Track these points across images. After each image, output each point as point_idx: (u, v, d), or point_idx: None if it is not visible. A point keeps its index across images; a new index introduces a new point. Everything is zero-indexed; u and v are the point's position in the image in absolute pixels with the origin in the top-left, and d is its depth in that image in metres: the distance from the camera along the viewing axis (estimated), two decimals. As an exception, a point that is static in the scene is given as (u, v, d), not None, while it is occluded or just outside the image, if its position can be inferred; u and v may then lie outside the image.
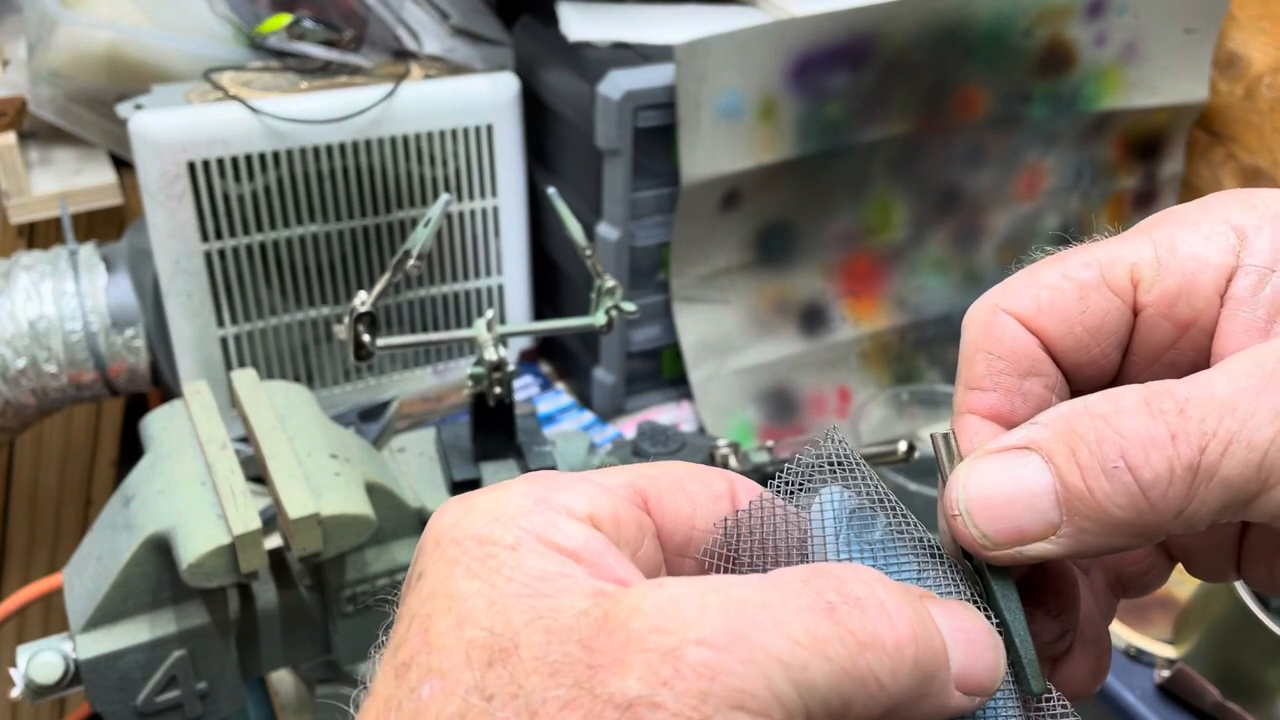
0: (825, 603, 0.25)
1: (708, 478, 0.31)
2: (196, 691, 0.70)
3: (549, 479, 0.29)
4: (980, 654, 0.28)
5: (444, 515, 0.29)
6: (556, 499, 0.28)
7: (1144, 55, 1.19)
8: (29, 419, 1.12)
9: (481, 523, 0.28)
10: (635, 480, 0.30)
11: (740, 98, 0.99)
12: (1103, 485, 0.28)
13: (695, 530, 0.30)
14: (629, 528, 0.29)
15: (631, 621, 0.24)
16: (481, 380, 0.75)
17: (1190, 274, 0.32)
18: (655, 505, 0.30)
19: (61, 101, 1.16)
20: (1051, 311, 0.33)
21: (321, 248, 1.05)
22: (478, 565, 0.27)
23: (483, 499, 0.29)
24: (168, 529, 0.65)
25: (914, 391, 1.16)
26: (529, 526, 0.27)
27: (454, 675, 0.25)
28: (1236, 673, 0.80)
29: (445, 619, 0.26)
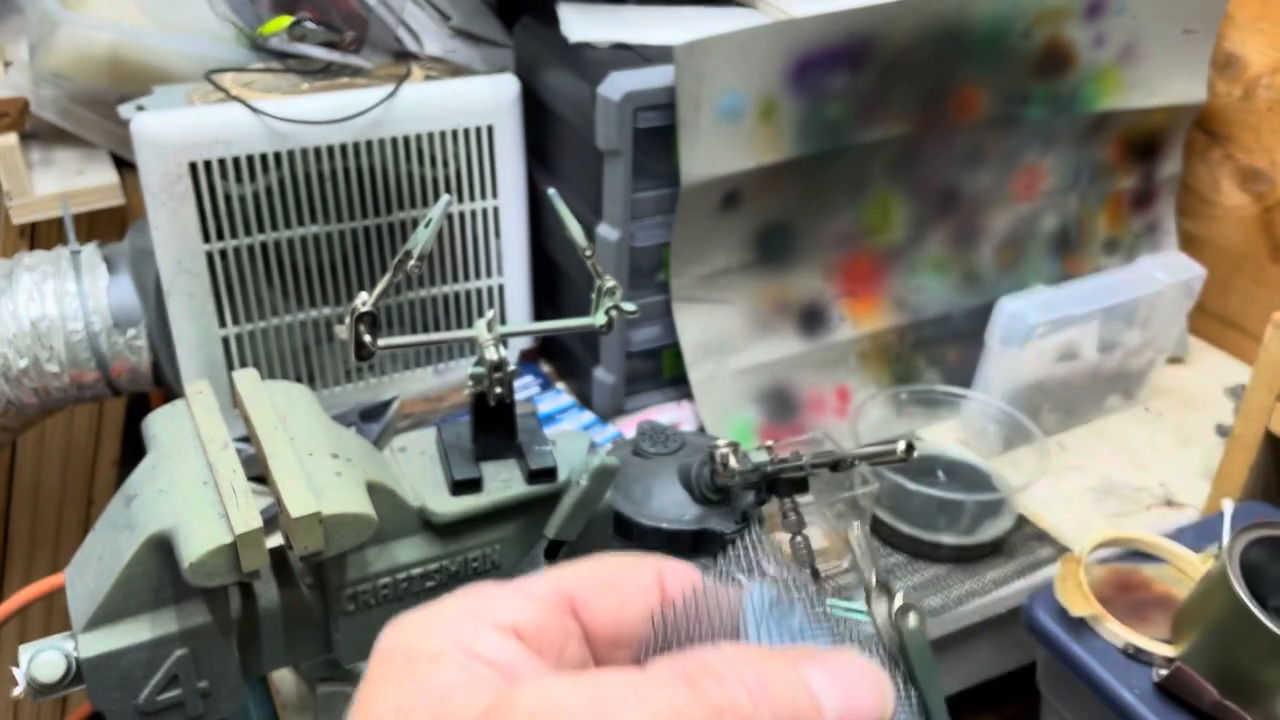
0: (687, 677, 0.27)
1: (637, 569, 0.33)
2: (198, 690, 0.70)
3: (481, 592, 0.31)
4: (860, 694, 0.29)
5: (384, 636, 0.31)
6: (484, 610, 0.30)
7: (1142, 56, 1.19)
8: (31, 419, 1.12)
9: (410, 637, 0.30)
10: (561, 585, 0.32)
11: (740, 98, 0.99)
12: None
13: (623, 625, 0.32)
14: (552, 634, 0.31)
15: (514, 709, 0.26)
16: (482, 380, 0.75)
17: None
18: (582, 606, 0.32)
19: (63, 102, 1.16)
20: None
21: (323, 248, 1.06)
22: (398, 677, 0.29)
23: (419, 615, 0.31)
24: (169, 528, 0.65)
25: (913, 391, 1.16)
26: (455, 638, 0.29)
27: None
28: (1235, 671, 0.80)
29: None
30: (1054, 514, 1.09)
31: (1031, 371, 1.13)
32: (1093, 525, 1.06)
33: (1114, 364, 1.21)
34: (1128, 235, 1.33)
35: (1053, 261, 1.28)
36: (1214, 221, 1.33)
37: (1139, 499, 1.12)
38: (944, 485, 1.07)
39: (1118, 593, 0.91)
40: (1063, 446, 1.20)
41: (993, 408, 1.13)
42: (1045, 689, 0.93)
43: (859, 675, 0.30)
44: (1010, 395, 1.13)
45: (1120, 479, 1.14)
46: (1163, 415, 1.26)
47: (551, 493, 0.78)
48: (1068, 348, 1.15)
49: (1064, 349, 1.15)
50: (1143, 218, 1.33)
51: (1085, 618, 0.87)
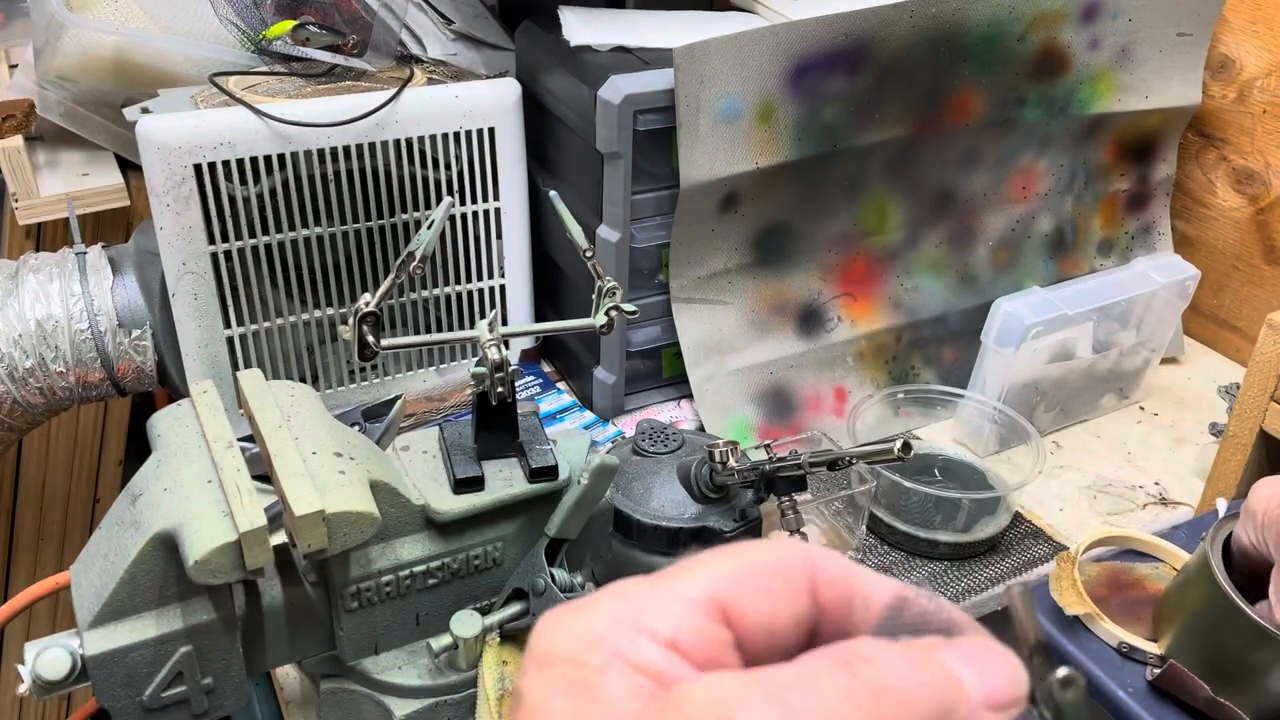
0: (843, 662, 0.28)
1: (789, 573, 0.33)
2: (202, 687, 0.71)
3: (636, 594, 0.32)
4: (998, 674, 0.30)
5: (542, 635, 0.31)
6: (643, 620, 0.31)
7: (1137, 59, 1.20)
8: (37, 418, 1.13)
9: (572, 644, 0.30)
10: (715, 590, 0.32)
11: (739, 101, 1.00)
12: None
13: (776, 634, 0.32)
14: (709, 647, 0.31)
15: (685, 705, 0.27)
16: (484, 380, 0.76)
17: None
18: (736, 615, 0.32)
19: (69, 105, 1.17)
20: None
21: (326, 249, 1.06)
22: (569, 687, 0.29)
23: (573, 620, 0.31)
24: (174, 526, 0.65)
25: (909, 391, 1.17)
26: (616, 649, 0.30)
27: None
28: (1220, 659, 0.80)
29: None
30: (1049, 512, 1.09)
31: (1027, 371, 1.14)
32: (1087, 524, 1.07)
33: (1109, 364, 1.22)
34: (1123, 237, 1.33)
35: (1048, 262, 1.29)
36: (1208, 223, 1.34)
37: (1134, 498, 1.12)
38: (940, 484, 1.08)
39: (1112, 591, 0.91)
40: (1058, 446, 1.20)
41: (989, 407, 1.14)
42: (1040, 686, 0.94)
43: (993, 656, 0.31)
44: (1006, 395, 1.14)
45: (1115, 478, 1.15)
46: (1157, 415, 1.27)
47: (552, 491, 0.78)
48: (1063, 348, 1.16)
49: (1059, 349, 1.16)
50: (1137, 219, 1.34)
51: (1080, 616, 0.87)
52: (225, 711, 0.73)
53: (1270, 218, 1.26)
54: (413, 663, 0.78)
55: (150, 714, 0.70)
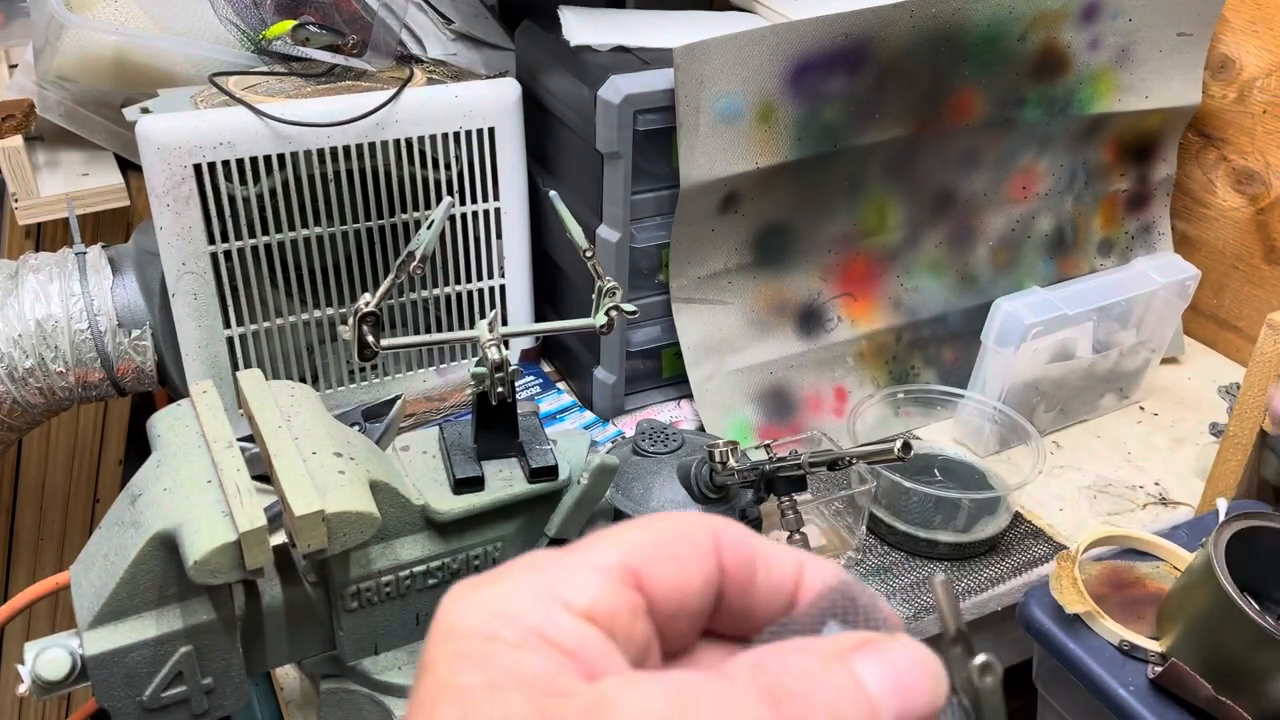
0: (770, 696, 0.28)
1: (695, 538, 0.33)
2: (202, 687, 0.71)
3: (549, 565, 0.32)
4: (916, 687, 0.30)
5: (454, 607, 0.31)
6: (556, 589, 0.31)
7: (1137, 59, 1.20)
8: (37, 418, 1.13)
9: (487, 618, 0.30)
10: (628, 558, 0.32)
11: (738, 101, 1.00)
12: None
13: (685, 596, 0.32)
14: (623, 616, 0.31)
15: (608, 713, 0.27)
16: (484, 380, 0.76)
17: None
18: (647, 580, 0.32)
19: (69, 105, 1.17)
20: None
21: (326, 250, 1.06)
22: (482, 660, 0.29)
23: (488, 592, 0.31)
24: (174, 526, 0.65)
25: (909, 391, 1.17)
26: (531, 624, 0.30)
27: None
28: (1222, 661, 0.80)
29: (450, 710, 0.28)
30: (1049, 512, 1.09)
31: (1027, 371, 1.14)
32: (1088, 523, 1.07)
33: (1109, 364, 1.22)
34: (1123, 237, 1.33)
35: (1048, 263, 1.29)
36: (1208, 223, 1.34)
37: (1134, 497, 1.12)
38: (940, 484, 1.08)
39: (1112, 590, 0.91)
40: (1058, 445, 1.20)
41: (989, 407, 1.14)
42: (1041, 686, 0.94)
43: (913, 665, 0.31)
44: (1006, 395, 1.14)
45: (1115, 477, 1.15)
46: (1157, 415, 1.27)
47: (552, 491, 0.78)
48: (1063, 348, 1.16)
49: (1059, 349, 1.16)
50: (1137, 219, 1.34)
51: (1080, 615, 0.87)
52: (225, 711, 0.73)
53: (1270, 218, 1.26)
54: (413, 663, 0.78)
55: (150, 714, 0.70)
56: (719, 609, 0.34)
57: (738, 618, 0.34)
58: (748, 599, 0.34)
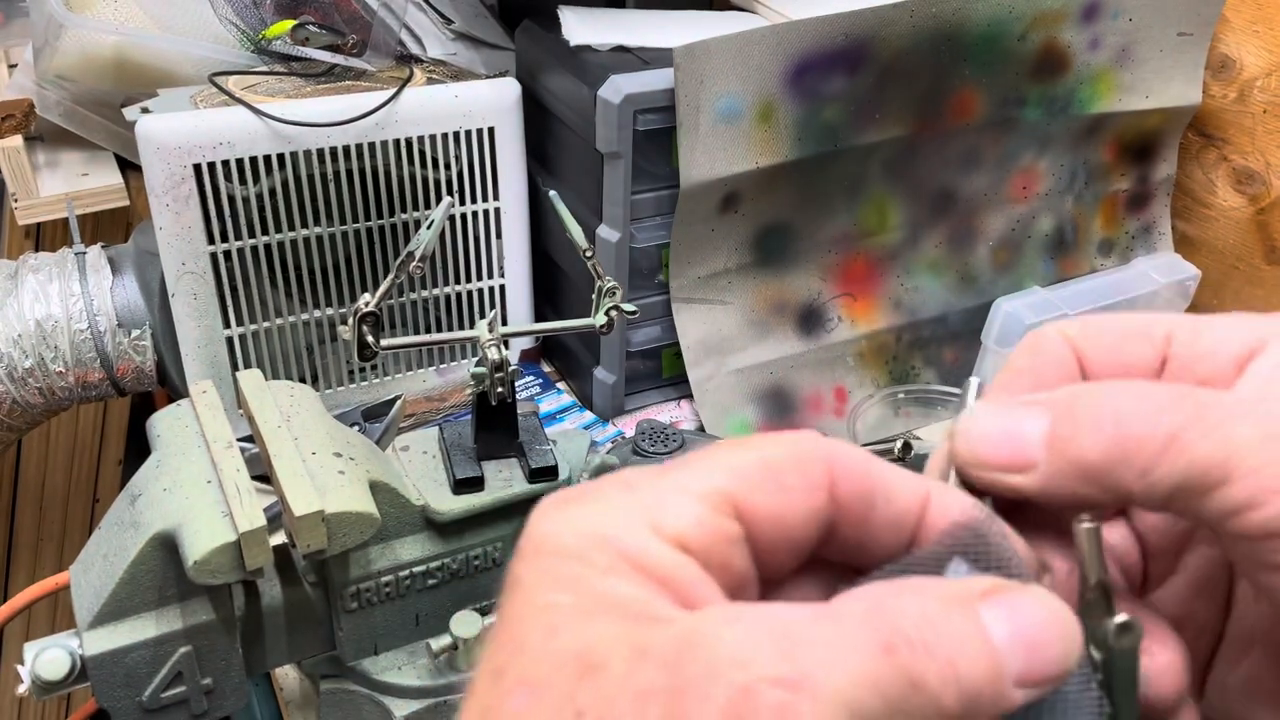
0: (884, 642, 0.26)
1: (806, 466, 0.31)
2: (202, 687, 0.71)
3: (645, 486, 0.30)
4: (1045, 645, 0.28)
5: (543, 522, 0.30)
6: (649, 513, 0.29)
7: (1138, 59, 1.20)
8: (36, 418, 1.13)
9: (577, 540, 0.29)
10: (728, 484, 0.30)
11: (739, 101, 1.00)
12: (1087, 433, 0.31)
13: (787, 528, 0.31)
14: (719, 545, 0.29)
15: (714, 651, 0.25)
16: (484, 380, 0.76)
17: (1218, 340, 0.34)
18: (747, 509, 0.30)
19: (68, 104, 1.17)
20: (1094, 340, 0.36)
21: (326, 249, 1.06)
22: (572, 582, 0.28)
23: (580, 512, 0.29)
24: (174, 527, 0.65)
25: (909, 391, 1.17)
26: (622, 549, 0.28)
27: (545, 685, 0.26)
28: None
29: (537, 628, 0.27)
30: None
31: (1028, 372, 1.14)
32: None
33: (1110, 364, 1.21)
34: (1123, 237, 1.33)
35: (1048, 263, 1.29)
36: (1209, 223, 1.34)
37: (1134, 498, 1.12)
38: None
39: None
40: (1059, 446, 1.20)
41: (989, 408, 1.13)
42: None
43: (1046, 621, 0.28)
44: (1007, 395, 1.13)
45: (1116, 478, 1.15)
46: (1159, 415, 1.26)
47: (552, 491, 0.78)
48: (1064, 348, 1.15)
49: (1060, 349, 1.15)
50: (1138, 219, 1.33)
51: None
52: (225, 712, 0.73)
53: (1270, 218, 1.26)
54: (412, 663, 0.78)
55: (150, 714, 0.70)
56: (830, 539, 0.32)
57: (851, 549, 0.32)
58: (863, 532, 0.32)
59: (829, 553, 0.32)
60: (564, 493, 0.30)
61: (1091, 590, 0.31)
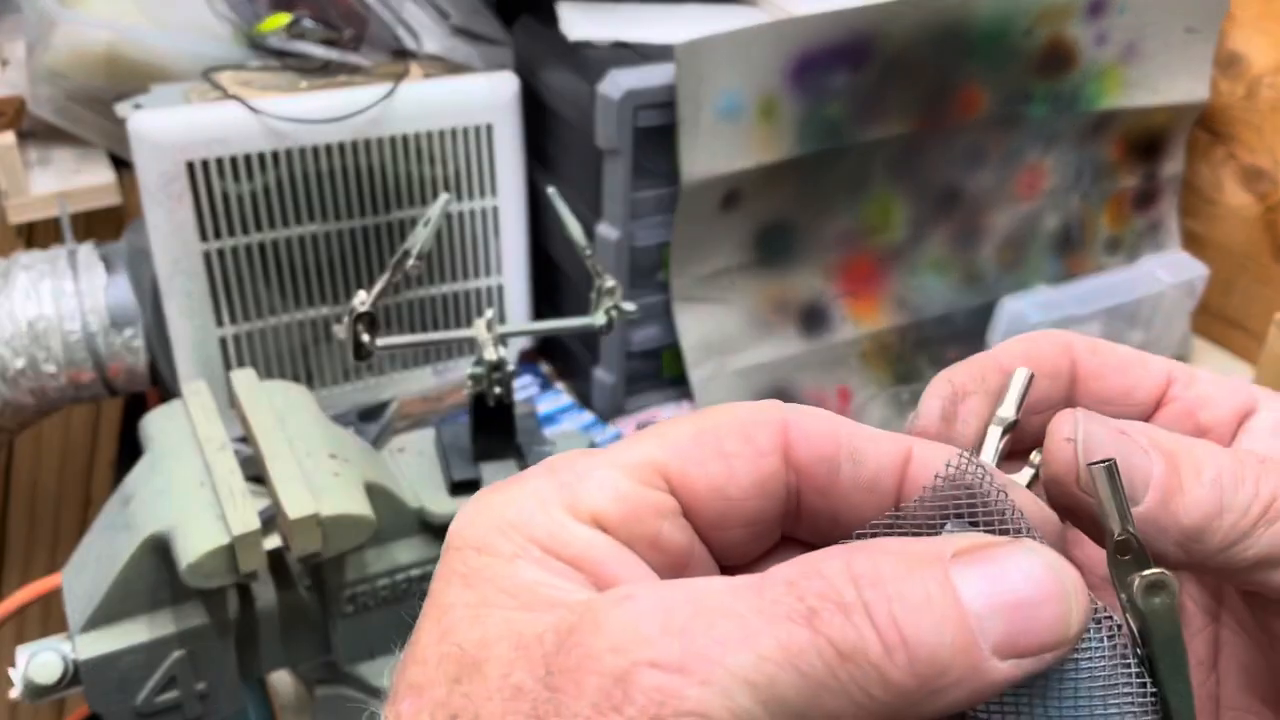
0: (806, 608, 0.23)
1: (752, 431, 0.28)
2: (196, 692, 0.70)
3: (566, 467, 0.28)
4: (1031, 615, 0.24)
5: (459, 517, 0.28)
6: (565, 494, 0.27)
7: (1145, 55, 1.19)
8: (28, 419, 1.12)
9: (485, 530, 0.27)
10: (657, 455, 0.28)
11: (740, 97, 0.99)
12: (1194, 488, 0.28)
13: (730, 501, 0.28)
14: (643, 520, 0.27)
15: (592, 638, 0.23)
16: (481, 380, 0.75)
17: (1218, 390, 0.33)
18: (680, 479, 0.28)
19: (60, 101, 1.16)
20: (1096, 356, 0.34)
21: (321, 247, 1.05)
22: (473, 576, 0.26)
23: (496, 499, 0.28)
24: (167, 529, 0.65)
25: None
26: (531, 534, 0.26)
27: (427, 691, 0.25)
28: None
29: (432, 631, 0.26)
30: (1056, 514, 1.08)
31: (1033, 371, 1.13)
32: (1095, 526, 1.06)
33: (1116, 364, 1.20)
34: (1130, 235, 1.33)
35: (1054, 261, 1.28)
36: (1216, 221, 1.33)
37: (1141, 499, 1.11)
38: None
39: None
40: (1064, 447, 1.19)
41: (994, 408, 1.12)
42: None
43: (1034, 580, 0.24)
44: (1012, 395, 1.12)
45: (1122, 479, 1.14)
46: (1164, 415, 1.25)
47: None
48: (1069, 347, 1.15)
49: (1066, 349, 1.15)
50: (1145, 217, 1.33)
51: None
52: (219, 717, 0.73)
53: (1279, 215, 1.25)
54: (410, 668, 0.78)
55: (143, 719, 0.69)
56: (799, 514, 0.29)
57: (823, 522, 0.29)
58: (832, 501, 0.28)
59: (800, 530, 0.30)
60: (489, 487, 0.29)
61: (1116, 545, 0.26)
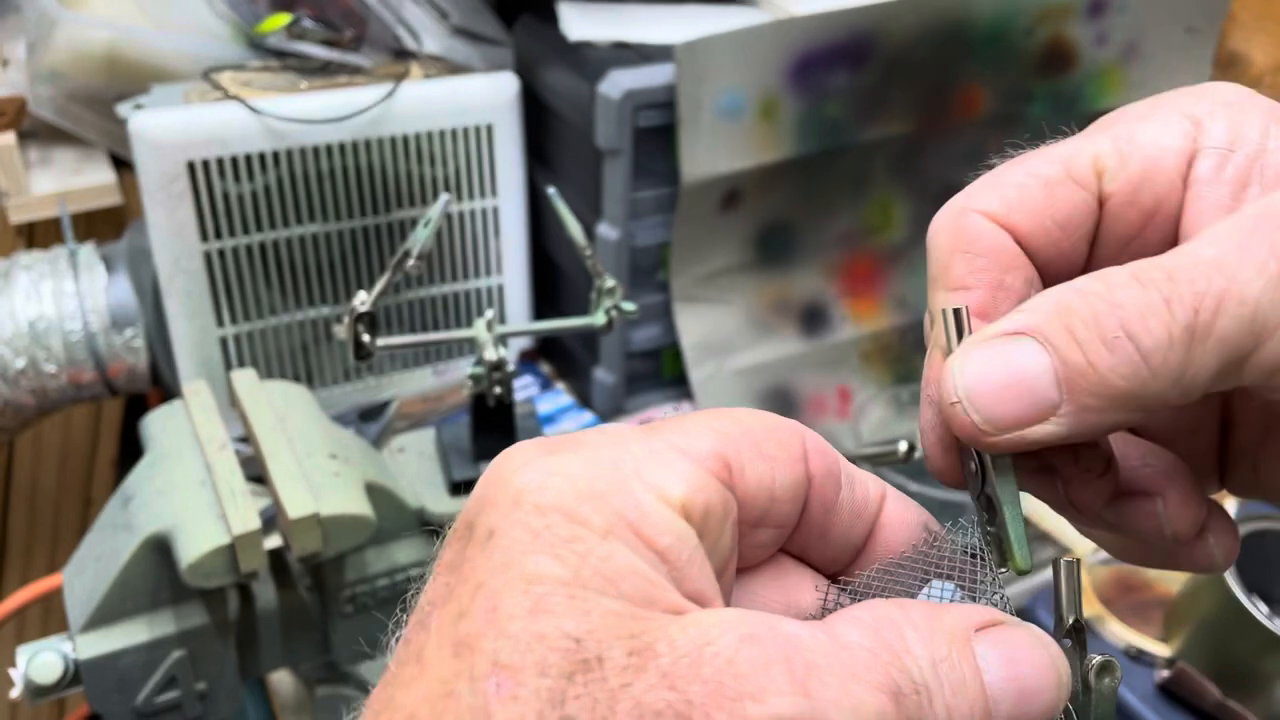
0: (892, 683, 0.25)
1: (783, 437, 0.29)
2: (196, 692, 0.70)
3: (637, 443, 0.27)
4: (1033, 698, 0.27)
5: (523, 469, 0.26)
6: (650, 475, 0.26)
7: (1145, 55, 1.19)
8: (28, 419, 1.12)
9: (570, 495, 0.25)
10: (723, 449, 0.28)
11: (740, 97, 0.99)
12: (1104, 357, 0.28)
13: (774, 501, 0.29)
14: (716, 515, 0.27)
15: (722, 672, 0.23)
16: (481, 380, 0.75)
17: (1151, 159, 0.32)
18: (738, 477, 0.28)
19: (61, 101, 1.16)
20: (1021, 207, 0.33)
21: (321, 247, 1.05)
22: (564, 548, 0.24)
23: (568, 460, 0.26)
24: (167, 529, 0.65)
25: (914, 391, 1.16)
26: (621, 510, 0.25)
27: (528, 679, 0.23)
28: (1231, 665, 0.80)
29: (519, 601, 0.24)
30: (1056, 515, 1.08)
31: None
32: (1094, 525, 1.06)
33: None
34: (1129, 235, 1.33)
35: (1054, 261, 1.28)
36: (1215, 221, 1.33)
37: (1141, 499, 1.11)
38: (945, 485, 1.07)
39: (1120, 594, 0.90)
40: (1064, 446, 1.19)
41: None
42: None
43: (1037, 662, 0.27)
44: (1011, 395, 1.12)
45: (1122, 479, 1.14)
46: (1164, 415, 1.25)
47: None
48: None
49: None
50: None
51: (1088, 619, 0.87)
52: (219, 716, 0.73)
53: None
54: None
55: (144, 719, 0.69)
56: (796, 526, 0.30)
57: (813, 537, 0.30)
58: (828, 516, 0.30)
59: (792, 545, 0.31)
60: (537, 441, 0.27)
61: (1070, 630, 0.30)
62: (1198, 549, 0.34)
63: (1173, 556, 0.35)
